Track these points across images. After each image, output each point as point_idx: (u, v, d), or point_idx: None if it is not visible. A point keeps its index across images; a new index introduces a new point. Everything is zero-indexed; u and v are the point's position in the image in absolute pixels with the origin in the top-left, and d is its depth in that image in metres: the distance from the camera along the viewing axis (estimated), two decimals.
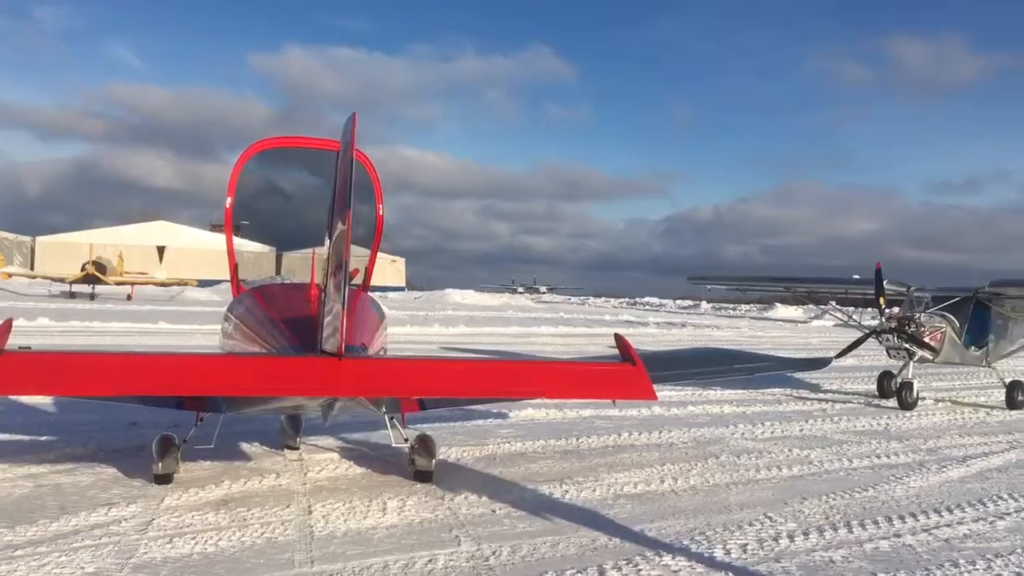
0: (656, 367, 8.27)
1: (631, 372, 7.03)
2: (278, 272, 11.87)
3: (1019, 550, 6.77)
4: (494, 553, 6.14)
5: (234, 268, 9.17)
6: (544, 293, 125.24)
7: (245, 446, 9.33)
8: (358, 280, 8.75)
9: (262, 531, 6.40)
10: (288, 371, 6.62)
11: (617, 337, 7.64)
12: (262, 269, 14.34)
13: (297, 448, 9.21)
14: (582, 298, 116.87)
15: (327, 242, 6.62)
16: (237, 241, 9.11)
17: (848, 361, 19.90)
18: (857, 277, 17.86)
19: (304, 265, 8.49)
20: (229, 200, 8.80)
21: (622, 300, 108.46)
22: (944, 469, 9.83)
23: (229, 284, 9.24)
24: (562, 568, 5.86)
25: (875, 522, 7.42)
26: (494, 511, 7.23)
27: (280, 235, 12.59)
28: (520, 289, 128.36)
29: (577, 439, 10.69)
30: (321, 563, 5.76)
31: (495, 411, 12.19)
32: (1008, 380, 15.68)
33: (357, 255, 7.65)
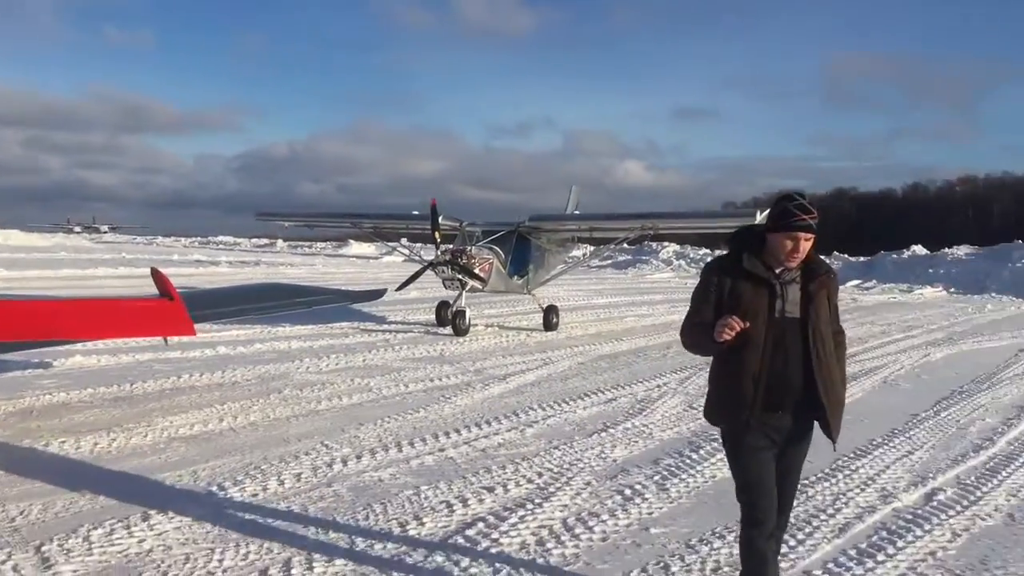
0: (209, 303, 8.05)
1: (168, 308, 6.72)
2: None
3: (543, 452, 7.68)
4: (22, 513, 5.64)
5: None
6: (106, 233, 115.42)
7: None
8: None
9: None
10: None
11: (154, 272, 7.31)
12: None
13: None
14: (149, 238, 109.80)
15: None
16: None
17: (413, 293, 20.98)
18: (416, 213, 18.79)
19: None
20: None
21: (194, 239, 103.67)
22: (487, 387, 10.81)
23: None
24: (100, 519, 5.55)
25: (423, 440, 7.97)
26: (28, 469, 6.63)
27: None
28: (77, 229, 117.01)
29: (131, 384, 10.11)
30: None
31: (35, 359, 11.09)
32: (545, 305, 17.55)
33: None
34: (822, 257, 4.06)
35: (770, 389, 3.84)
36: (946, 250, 45.31)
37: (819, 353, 3.86)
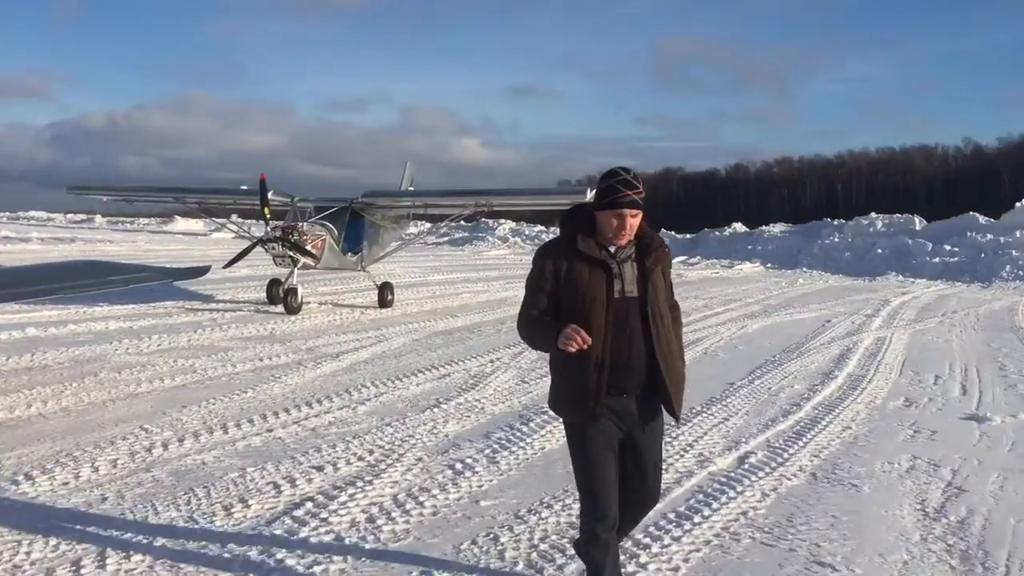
0: (14, 282, 7.52)
1: None
2: None
3: (374, 430, 7.63)
4: None
5: None
6: None
7: None
8: None
9: None
10: None
11: None
12: None
13: None
14: None
15: None
16: None
17: (243, 271, 20.33)
18: (245, 188, 18.15)
19: None
20: None
21: (1, 214, 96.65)
22: (319, 365, 10.63)
23: None
24: None
25: (251, 421, 7.76)
26: None
27: None
28: None
29: None
30: None
31: None
32: (380, 282, 17.39)
33: None
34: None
35: (615, 373, 3.72)
36: (763, 228, 47.83)
37: (659, 331, 3.78)
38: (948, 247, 33.93)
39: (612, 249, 3.79)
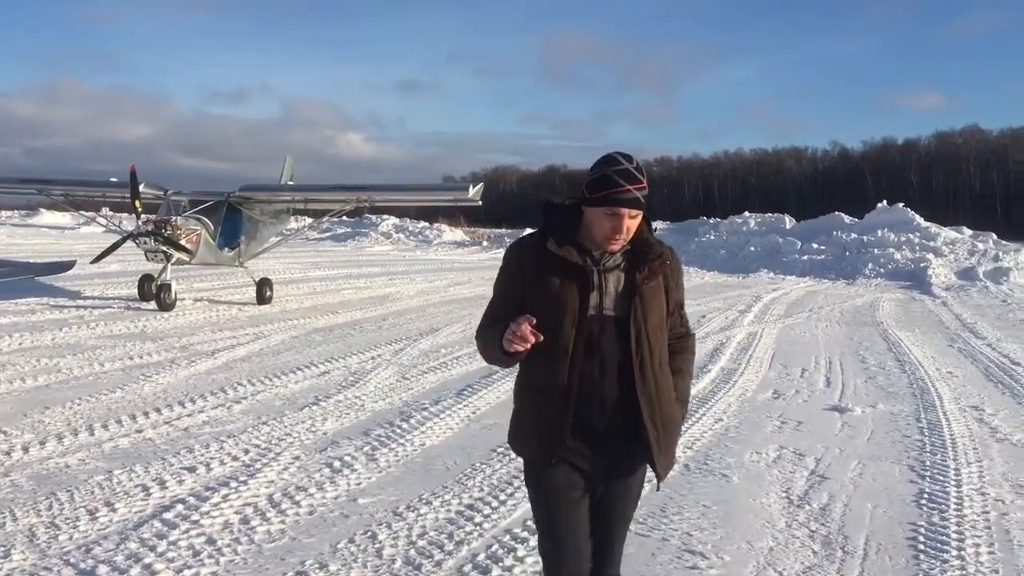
0: None
1: None
2: None
3: (250, 428, 7.45)
4: None
5: None
6: None
7: None
8: None
9: None
10: None
11: None
12: None
13: None
14: None
15: None
16: None
17: (113, 266, 19.59)
18: (115, 180, 17.46)
19: None
20: None
21: None
22: (193, 363, 10.32)
23: None
24: None
25: (119, 422, 7.47)
26: None
27: None
28: None
29: None
30: None
31: None
32: (258, 278, 16.99)
33: None
34: (658, 234, 3.21)
35: (582, 409, 2.99)
36: None
37: (644, 362, 3.01)
38: (816, 245, 35.34)
39: (596, 254, 3.05)
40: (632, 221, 2.99)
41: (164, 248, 15.16)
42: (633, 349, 2.99)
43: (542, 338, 2.86)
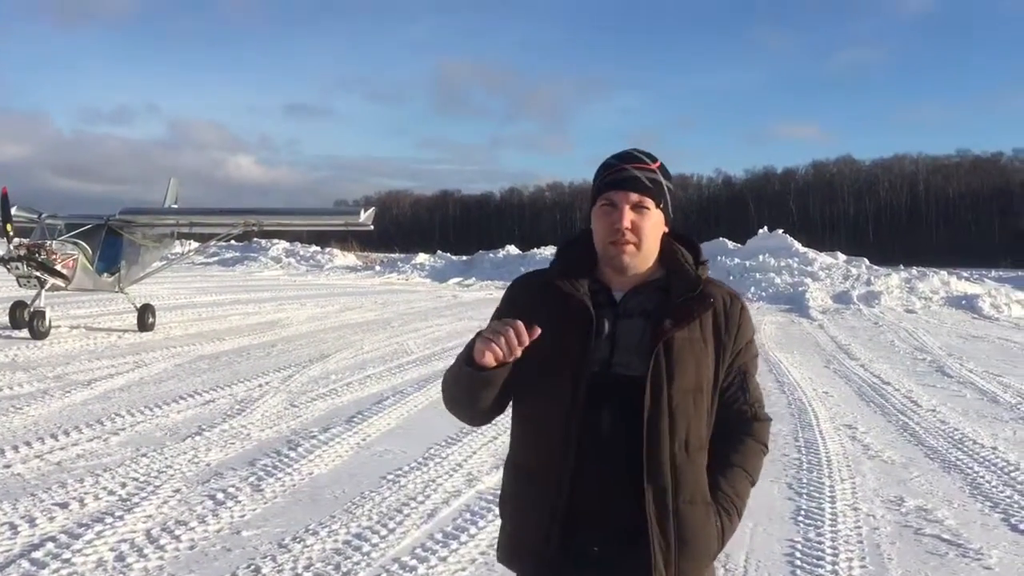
0: None
1: None
2: None
3: (128, 461, 7.18)
4: None
5: None
6: None
7: None
8: None
9: None
10: None
11: None
12: None
13: None
14: None
15: None
16: None
17: None
18: None
19: None
20: None
21: None
22: (68, 394, 9.89)
23: None
24: None
25: None
26: None
27: None
28: None
29: None
30: None
31: None
32: (140, 304, 16.42)
33: None
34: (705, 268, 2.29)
35: (576, 518, 2.14)
36: (536, 250, 49.42)
37: (659, 438, 2.12)
38: None
39: (616, 293, 2.22)
40: (638, 216, 2.17)
41: (38, 273, 14.54)
42: (645, 418, 2.10)
43: (537, 332, 2.03)
